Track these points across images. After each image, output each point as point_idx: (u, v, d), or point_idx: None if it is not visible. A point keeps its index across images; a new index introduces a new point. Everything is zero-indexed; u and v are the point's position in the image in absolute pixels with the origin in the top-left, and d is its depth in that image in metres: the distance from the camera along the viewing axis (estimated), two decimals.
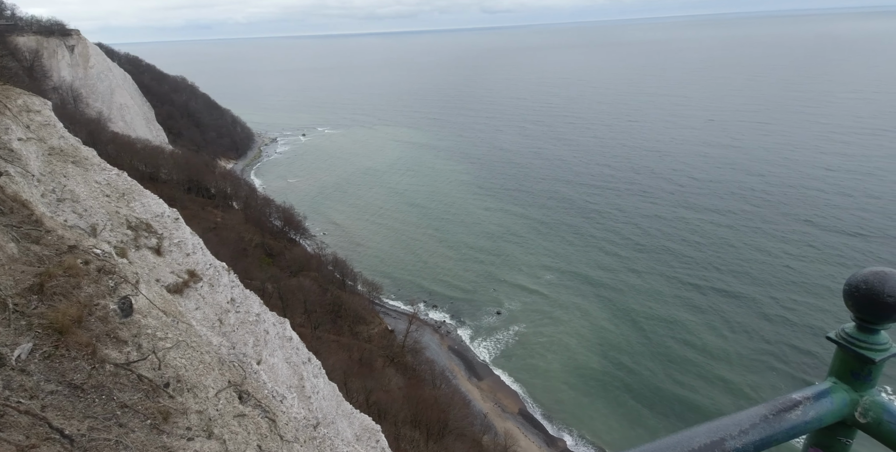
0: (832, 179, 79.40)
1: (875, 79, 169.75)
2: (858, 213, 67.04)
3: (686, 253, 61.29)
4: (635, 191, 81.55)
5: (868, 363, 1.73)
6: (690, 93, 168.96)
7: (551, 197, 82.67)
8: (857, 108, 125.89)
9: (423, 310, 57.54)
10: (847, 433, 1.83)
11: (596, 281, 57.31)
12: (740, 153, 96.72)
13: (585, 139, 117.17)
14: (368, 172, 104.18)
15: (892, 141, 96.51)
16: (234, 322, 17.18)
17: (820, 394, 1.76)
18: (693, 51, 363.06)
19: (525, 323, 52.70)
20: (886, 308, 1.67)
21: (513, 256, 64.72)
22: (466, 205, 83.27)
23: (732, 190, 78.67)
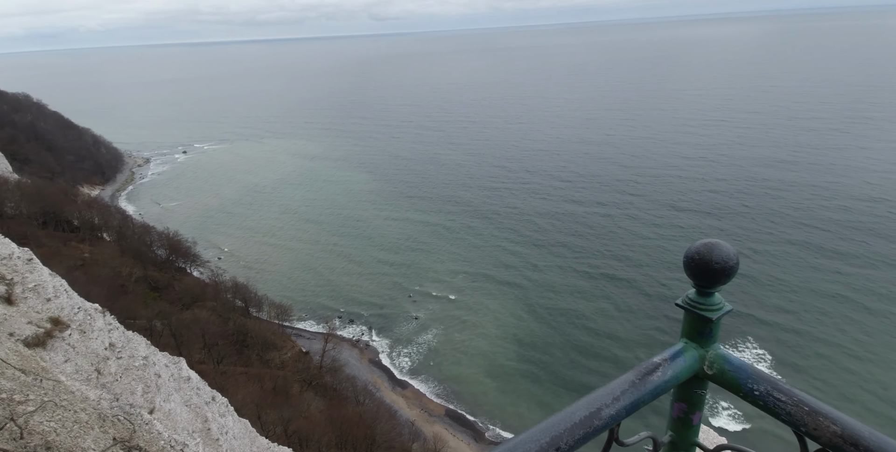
0: (688, 166, 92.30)
1: (713, 77, 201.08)
2: (710, 195, 78.77)
3: (576, 243, 67.08)
4: (528, 190, 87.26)
5: (708, 322, 1.99)
6: (569, 95, 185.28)
7: (451, 201, 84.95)
8: (703, 103, 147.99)
9: (339, 327, 55.81)
10: (700, 385, 2.10)
11: (501, 280, 60.22)
12: (614, 148, 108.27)
13: (479, 142, 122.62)
14: (259, 189, 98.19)
15: (730, 130, 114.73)
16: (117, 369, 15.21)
17: (675, 355, 2.01)
18: (568, 55, 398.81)
19: (442, 326, 53.64)
20: (716, 273, 1.90)
21: (421, 263, 65.46)
22: (367, 216, 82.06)
23: (610, 181, 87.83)
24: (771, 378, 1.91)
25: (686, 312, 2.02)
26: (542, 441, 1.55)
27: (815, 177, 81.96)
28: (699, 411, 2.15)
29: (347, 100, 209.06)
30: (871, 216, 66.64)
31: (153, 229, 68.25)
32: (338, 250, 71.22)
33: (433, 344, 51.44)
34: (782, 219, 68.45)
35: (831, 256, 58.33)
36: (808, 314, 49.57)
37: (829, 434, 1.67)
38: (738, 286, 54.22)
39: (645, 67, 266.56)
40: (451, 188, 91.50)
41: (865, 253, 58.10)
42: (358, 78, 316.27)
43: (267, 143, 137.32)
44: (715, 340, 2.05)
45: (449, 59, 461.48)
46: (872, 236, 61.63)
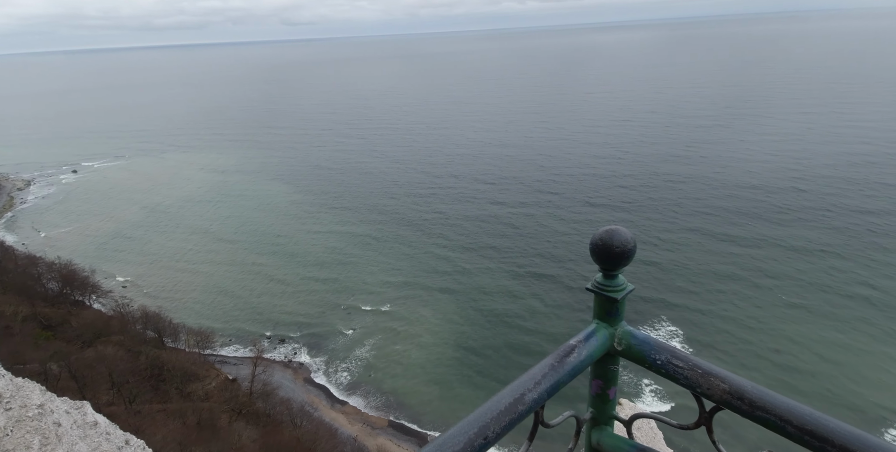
0: (599, 164, 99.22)
1: (617, 80, 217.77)
2: (620, 190, 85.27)
3: (503, 244, 69.45)
4: (454, 195, 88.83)
5: (614, 302, 2.17)
6: (490, 99, 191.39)
7: (377, 210, 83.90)
8: (609, 105, 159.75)
9: (268, 349, 53.05)
10: (613, 361, 2.27)
11: (433, 286, 60.70)
12: (533, 150, 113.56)
13: (402, 149, 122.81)
14: (162, 209, 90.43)
15: (634, 129, 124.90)
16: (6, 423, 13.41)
17: (588, 335, 2.16)
18: (485, 61, 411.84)
19: (377, 339, 52.97)
20: (617, 256, 2.10)
21: (350, 277, 64.11)
22: (288, 231, 78.36)
23: (531, 182, 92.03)
24: (670, 348, 2.11)
25: (595, 295, 2.21)
26: (470, 432, 1.59)
27: (705, 169, 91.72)
28: (614, 386, 2.32)
29: (260, 109, 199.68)
30: (752, 201, 75.91)
31: (41, 260, 60.62)
32: (258, 270, 67.49)
33: (370, 357, 50.63)
34: (682, 208, 75.84)
35: (723, 239, 65.60)
36: (708, 293, 55.31)
37: (720, 391, 1.86)
38: (647, 273, 59.22)
39: (557, 72, 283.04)
40: (376, 197, 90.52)
41: (750, 234, 66.07)
42: (271, 85, 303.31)
43: (170, 158, 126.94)
44: (622, 318, 2.24)
45: (367, 65, 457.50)
46: (755, 219, 70.25)
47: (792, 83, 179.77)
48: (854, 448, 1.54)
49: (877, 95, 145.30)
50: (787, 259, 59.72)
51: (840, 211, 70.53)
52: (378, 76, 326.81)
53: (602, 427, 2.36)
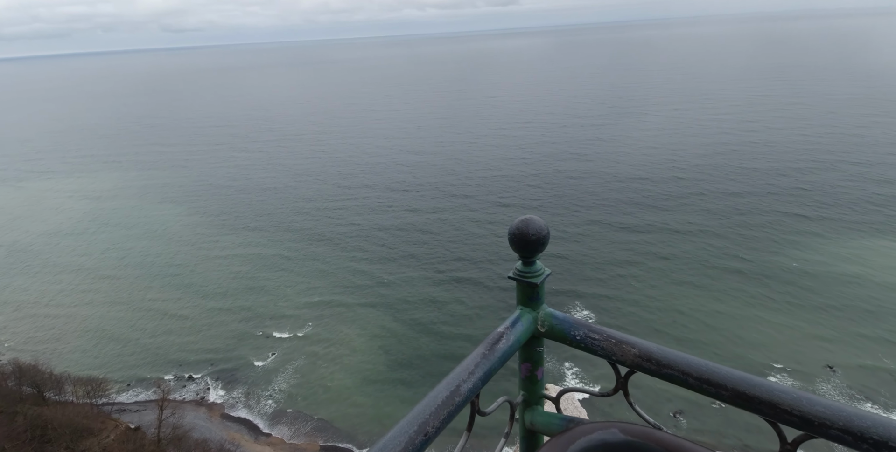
0: (507, 165, 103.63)
1: (517, 84, 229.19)
2: (529, 189, 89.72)
3: (422, 252, 69.73)
4: (369, 205, 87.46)
5: (535, 287, 2.32)
6: (398, 106, 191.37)
7: (286, 228, 79.67)
8: (511, 108, 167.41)
9: (175, 389, 48.17)
10: (538, 343, 2.39)
11: (354, 302, 59.14)
12: (444, 155, 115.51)
13: (309, 161, 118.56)
14: (21, 248, 77.89)
15: (535, 130, 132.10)
16: None
17: (514, 321, 2.29)
18: (389, 67, 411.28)
19: (299, 362, 50.46)
20: (533, 244, 2.26)
21: (262, 302, 60.24)
22: (185, 259, 71.41)
23: (444, 187, 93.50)
24: (587, 323, 2.27)
25: (517, 282, 2.34)
26: (410, 431, 1.61)
27: (600, 164, 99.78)
28: (541, 366, 2.46)
29: (141, 125, 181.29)
30: (641, 191, 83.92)
31: None
32: (151, 306, 60.63)
33: (292, 384, 48.04)
34: (583, 202, 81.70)
35: (620, 228, 71.74)
36: (612, 279, 60.06)
37: (631, 356, 2.07)
38: (559, 265, 62.93)
39: (461, 77, 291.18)
40: (283, 214, 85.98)
41: (641, 222, 72.98)
42: (153, 98, 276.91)
43: (29, 186, 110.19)
44: (542, 301, 2.38)
45: (264, 73, 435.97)
46: (644, 207, 77.73)
47: (663, 83, 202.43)
48: (742, 389, 1.78)
49: (731, 91, 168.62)
50: (674, 241, 66.87)
51: (712, 194, 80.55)
52: (277, 85, 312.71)
53: (534, 407, 2.47)
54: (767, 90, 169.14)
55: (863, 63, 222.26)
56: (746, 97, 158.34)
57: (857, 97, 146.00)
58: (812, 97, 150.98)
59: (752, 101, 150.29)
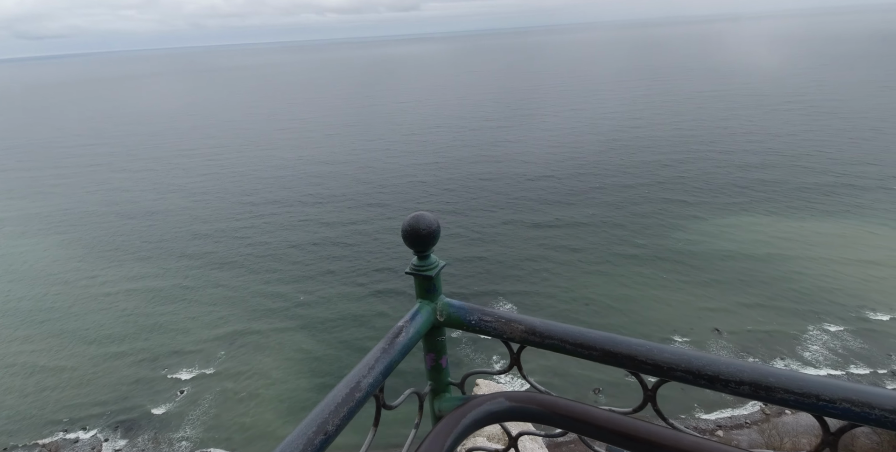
0: (420, 171, 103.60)
1: (425, 89, 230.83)
2: (445, 193, 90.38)
3: (338, 267, 66.68)
4: (278, 222, 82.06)
5: (430, 279, 2.40)
6: (305, 114, 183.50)
7: (184, 255, 72.04)
8: (422, 113, 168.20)
9: (65, 445, 41.30)
10: (439, 332, 2.48)
11: (269, 327, 54.73)
12: (357, 164, 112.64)
13: (206, 178, 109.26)
14: None
15: (446, 135, 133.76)
16: None
17: (414, 314, 2.36)
18: (292, 74, 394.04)
19: (213, 398, 45.74)
20: (424, 238, 2.37)
21: (162, 340, 53.55)
22: (59, 301, 61.75)
23: (357, 196, 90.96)
24: (480, 308, 2.37)
25: (414, 277, 2.43)
26: (310, 431, 1.62)
27: (510, 165, 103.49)
28: (444, 354, 2.54)
29: None
30: (548, 189, 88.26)
31: None
32: (18, 361, 51.16)
33: (206, 426, 43.29)
34: (496, 203, 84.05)
35: (533, 226, 74.73)
36: (530, 275, 62.24)
37: (520, 332, 2.20)
38: (479, 267, 63.96)
39: (368, 83, 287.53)
40: (178, 239, 77.79)
41: (551, 218, 76.69)
42: (4, 115, 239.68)
43: None
44: (440, 292, 2.47)
45: (146, 83, 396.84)
46: (553, 204, 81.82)
47: (559, 85, 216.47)
48: (608, 348, 2.00)
49: (617, 91, 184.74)
50: (580, 233, 71.12)
51: (609, 187, 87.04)
52: (162, 96, 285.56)
53: (441, 394, 2.56)
54: (646, 89, 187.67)
55: (720, 62, 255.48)
56: (631, 96, 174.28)
57: (718, 93, 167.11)
58: (682, 94, 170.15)
59: (636, 100, 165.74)
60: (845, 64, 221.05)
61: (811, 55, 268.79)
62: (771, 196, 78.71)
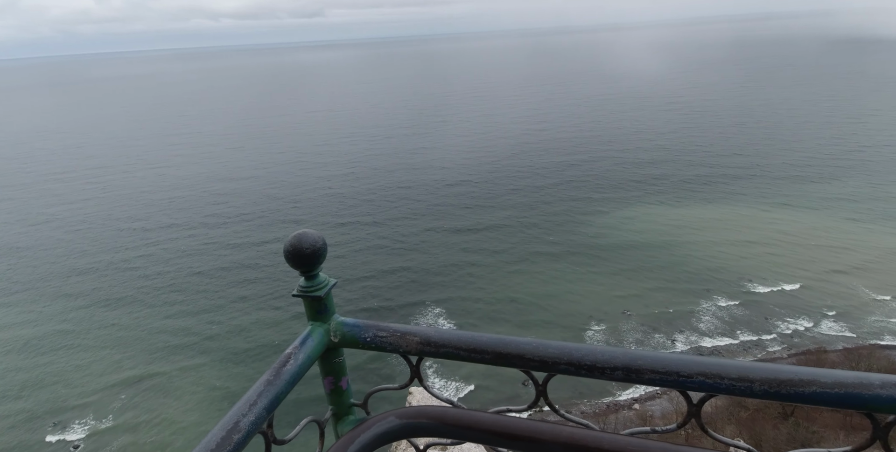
0: (336, 184, 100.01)
1: (335, 97, 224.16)
2: (368, 205, 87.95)
3: (251, 292, 61.67)
4: (177, 249, 73.98)
5: (320, 300, 2.27)
6: (204, 128, 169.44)
7: (63, 294, 62.51)
8: (334, 122, 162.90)
9: None
10: (336, 354, 2.34)
11: (173, 367, 48.58)
12: (265, 179, 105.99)
13: (85, 204, 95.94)
14: None
15: (362, 143, 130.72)
16: None
17: (304, 339, 2.19)
18: (185, 84, 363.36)
19: (116, 444, 39.88)
20: (309, 257, 2.20)
21: (45, 395, 45.45)
22: None
23: (268, 214, 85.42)
24: (375, 324, 2.27)
25: (303, 299, 2.27)
26: None
27: (427, 172, 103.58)
28: (344, 376, 2.40)
29: None
30: (466, 193, 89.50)
31: None
32: None
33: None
34: (417, 211, 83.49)
35: (455, 231, 75.13)
36: (458, 280, 62.20)
37: (416, 344, 2.16)
38: (406, 277, 62.85)
39: (274, 92, 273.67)
40: (56, 278, 67.28)
41: (472, 222, 77.66)
42: None
43: None
44: (333, 312, 2.32)
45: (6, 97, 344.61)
46: (472, 208, 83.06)
47: (470, 90, 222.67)
48: (498, 349, 2.04)
49: (523, 96, 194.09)
50: (500, 235, 72.89)
51: (523, 189, 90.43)
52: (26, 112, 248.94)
53: (345, 418, 2.46)
54: (549, 94, 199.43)
55: (608, 68, 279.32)
56: (536, 101, 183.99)
57: (610, 96, 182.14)
58: (580, 98, 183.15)
59: (541, 104, 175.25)
60: (713, 68, 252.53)
61: (684, 61, 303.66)
62: (661, 188, 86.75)
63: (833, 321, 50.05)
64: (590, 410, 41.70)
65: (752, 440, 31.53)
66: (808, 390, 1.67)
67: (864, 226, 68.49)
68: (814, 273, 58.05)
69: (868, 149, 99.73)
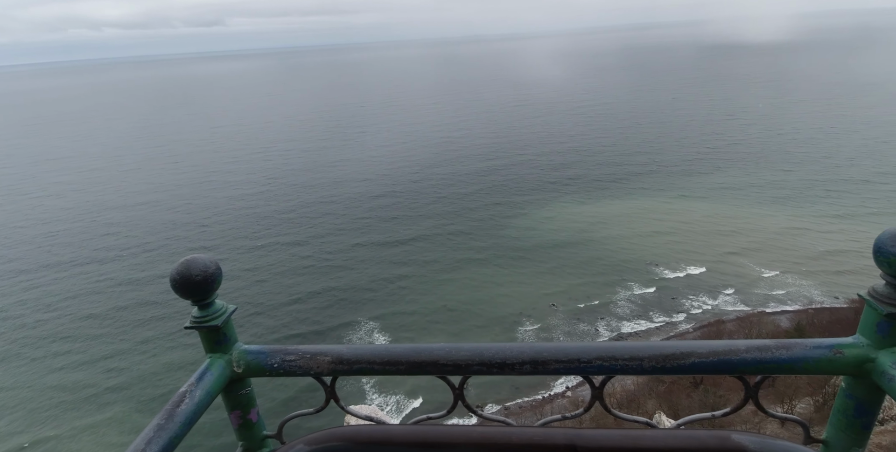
0: (249, 204, 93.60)
1: (242, 111, 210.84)
2: (283, 225, 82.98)
3: (154, 333, 55.39)
4: (61, 291, 64.21)
5: (217, 329, 2.14)
6: (93, 148, 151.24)
7: None
8: (241, 137, 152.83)
9: None
10: (241, 386, 2.19)
11: (69, 427, 42.38)
12: (165, 202, 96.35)
13: None
14: None
15: (275, 158, 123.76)
16: None
17: (202, 374, 2.05)
18: (68, 101, 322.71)
19: None
20: (201, 285, 2.06)
21: None
22: None
23: (171, 242, 77.82)
24: (282, 348, 2.15)
25: (198, 331, 2.14)
26: None
27: (351, 185, 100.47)
28: (254, 407, 2.27)
29: None
30: (392, 206, 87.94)
31: None
32: None
33: None
34: (342, 227, 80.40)
35: (383, 244, 73.30)
36: (392, 293, 60.60)
37: (328, 364, 2.09)
38: (335, 297, 59.98)
39: (170, 106, 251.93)
40: None
41: (398, 234, 76.25)
42: None
43: None
44: (234, 341, 2.18)
45: None
46: (399, 220, 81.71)
47: (387, 100, 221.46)
48: (412, 358, 2.03)
49: (440, 104, 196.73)
50: (429, 245, 72.48)
51: (448, 197, 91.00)
52: None
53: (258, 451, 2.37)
54: (465, 101, 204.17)
55: (516, 76, 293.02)
56: (453, 108, 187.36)
57: (521, 102, 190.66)
58: (494, 105, 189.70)
59: (458, 112, 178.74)
60: (608, 73, 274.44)
61: (583, 67, 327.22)
62: (575, 188, 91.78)
63: (729, 296, 56.34)
64: (527, 404, 43.19)
65: (671, 410, 33.87)
66: (688, 361, 1.86)
67: (748, 210, 77.31)
68: (711, 256, 64.32)
69: (743, 142, 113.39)
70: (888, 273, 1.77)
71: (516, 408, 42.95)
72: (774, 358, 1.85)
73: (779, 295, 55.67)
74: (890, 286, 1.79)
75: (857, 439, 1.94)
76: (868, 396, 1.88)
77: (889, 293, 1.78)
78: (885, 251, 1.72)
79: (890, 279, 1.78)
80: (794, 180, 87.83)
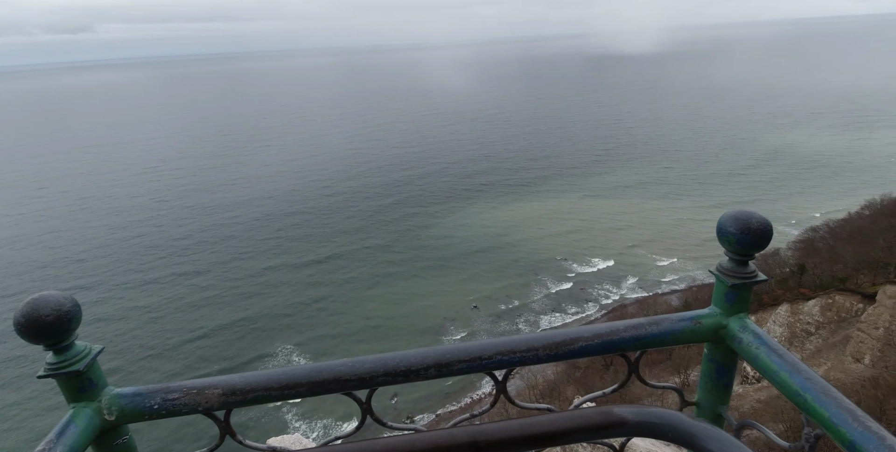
0: (139, 233, 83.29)
1: (123, 126, 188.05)
2: (181, 255, 74.73)
3: None
4: None
5: (79, 375, 1.78)
6: None
7: None
8: (125, 155, 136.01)
9: None
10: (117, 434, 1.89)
11: None
12: (31, 237, 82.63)
13: None
14: None
15: (164, 178, 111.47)
16: None
17: (63, 428, 1.72)
18: None
19: None
20: (53, 325, 1.71)
21: None
22: None
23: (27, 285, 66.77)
24: (162, 387, 1.88)
25: (56, 379, 1.82)
26: None
27: (255, 205, 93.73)
28: None
29: None
30: (302, 225, 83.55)
31: None
32: None
33: None
34: (250, 250, 74.46)
35: (300, 266, 69.03)
36: (312, 316, 57.03)
37: (218, 397, 1.88)
38: (251, 325, 55.00)
39: (33, 124, 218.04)
40: None
41: (317, 254, 72.46)
42: None
43: None
44: (104, 385, 1.88)
45: None
46: (315, 239, 77.64)
47: (290, 110, 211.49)
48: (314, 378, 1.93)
49: (345, 115, 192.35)
50: (345, 262, 69.69)
51: (363, 210, 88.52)
52: None
53: None
54: (373, 112, 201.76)
55: (425, 85, 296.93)
56: (361, 119, 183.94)
57: (431, 112, 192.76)
58: (403, 114, 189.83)
59: (366, 122, 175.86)
60: (508, 82, 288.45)
61: (485, 76, 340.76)
62: (487, 194, 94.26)
63: (631, 283, 62.01)
64: (456, 407, 43.36)
65: (588, 392, 35.76)
66: (577, 346, 1.98)
67: (640, 205, 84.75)
68: (614, 249, 69.45)
69: (630, 144, 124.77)
70: (729, 250, 1.98)
71: (446, 414, 42.60)
72: (648, 334, 2.02)
73: (671, 279, 62.08)
74: (732, 261, 2.00)
75: (721, 397, 2.15)
76: (725, 359, 2.09)
77: (732, 267, 2.00)
78: (725, 231, 1.93)
79: (731, 255, 1.99)
80: (674, 176, 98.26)
